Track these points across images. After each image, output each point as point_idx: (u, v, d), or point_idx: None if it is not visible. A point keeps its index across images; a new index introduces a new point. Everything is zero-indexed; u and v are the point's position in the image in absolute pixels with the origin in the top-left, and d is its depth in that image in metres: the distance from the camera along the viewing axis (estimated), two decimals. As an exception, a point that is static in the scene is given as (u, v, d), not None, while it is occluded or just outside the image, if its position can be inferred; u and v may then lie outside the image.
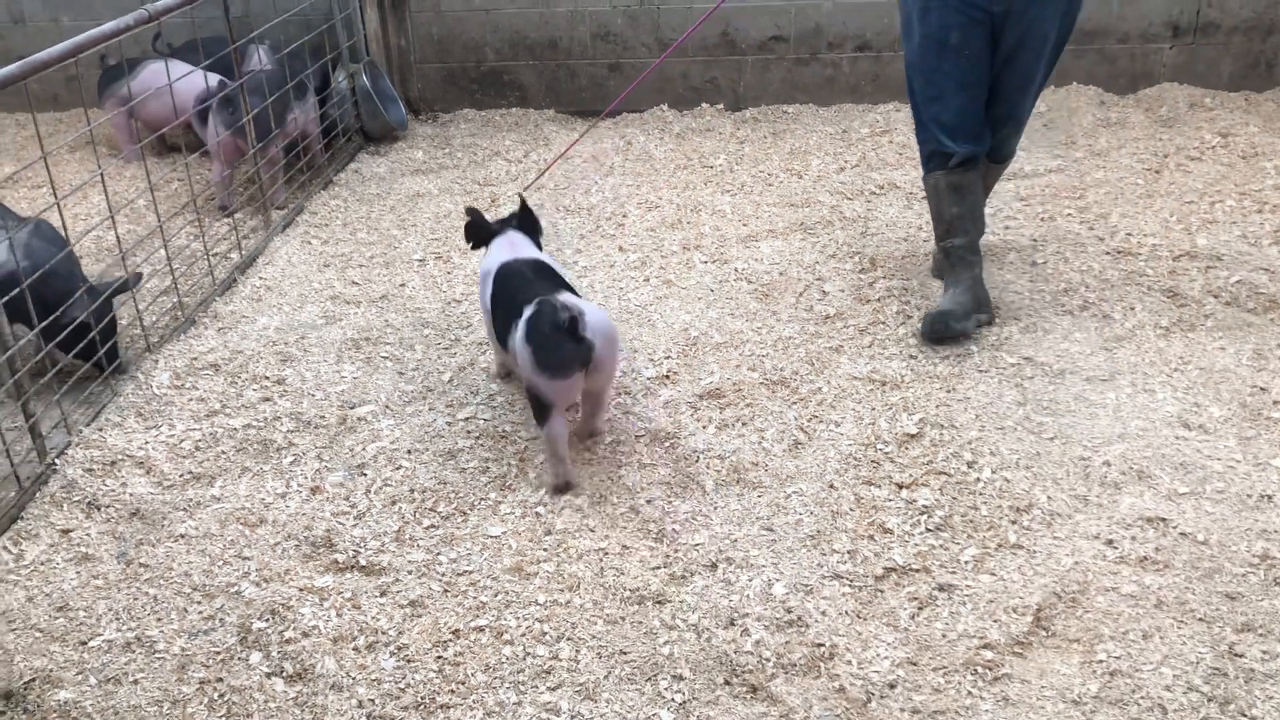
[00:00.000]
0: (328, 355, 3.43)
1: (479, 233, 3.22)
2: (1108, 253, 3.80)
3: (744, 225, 4.28)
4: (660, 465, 2.85)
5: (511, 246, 3.11)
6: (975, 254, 3.46)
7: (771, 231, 4.20)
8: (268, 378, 3.32)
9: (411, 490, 2.78)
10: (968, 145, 3.36)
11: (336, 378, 3.31)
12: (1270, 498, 2.58)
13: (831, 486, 2.73)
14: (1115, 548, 2.46)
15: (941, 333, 3.30)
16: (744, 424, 3.00)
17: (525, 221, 3.23)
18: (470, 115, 5.71)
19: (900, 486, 2.71)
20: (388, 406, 3.15)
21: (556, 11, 5.52)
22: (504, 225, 3.21)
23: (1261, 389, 3.00)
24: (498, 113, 5.71)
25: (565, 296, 2.74)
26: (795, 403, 3.09)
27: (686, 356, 3.35)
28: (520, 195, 3.37)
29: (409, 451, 2.94)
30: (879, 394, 3.10)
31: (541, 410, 2.72)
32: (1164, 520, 2.53)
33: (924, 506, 2.62)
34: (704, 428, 3.00)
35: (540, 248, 3.22)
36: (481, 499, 2.74)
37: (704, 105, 5.63)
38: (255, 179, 4.38)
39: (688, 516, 2.65)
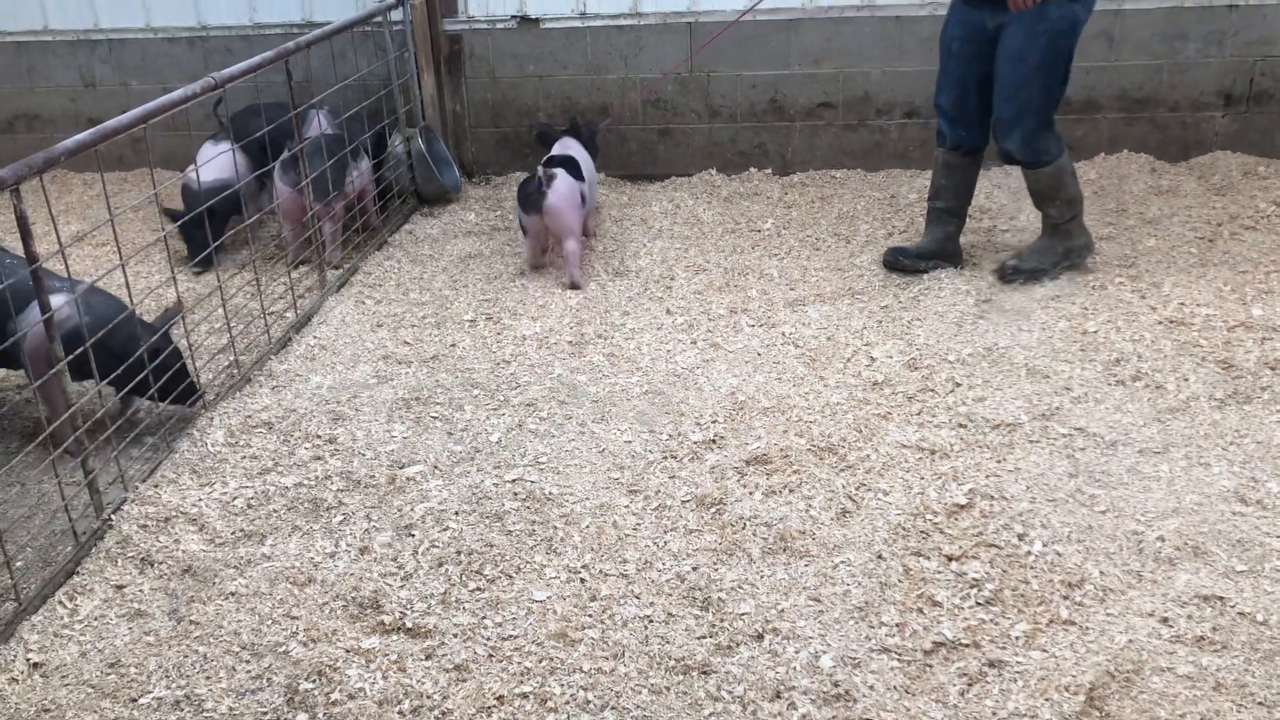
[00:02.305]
0: (379, 415, 3.48)
1: (545, 137, 4.84)
2: (1160, 322, 3.76)
3: (791, 289, 4.29)
4: (706, 531, 2.84)
5: (563, 146, 4.71)
6: (953, 216, 4.36)
7: (819, 296, 4.21)
8: (319, 436, 3.37)
9: (458, 552, 2.79)
10: (959, 131, 4.21)
11: (387, 437, 3.35)
12: (1332, 578, 2.52)
13: (880, 557, 2.70)
14: (1171, 626, 2.41)
15: (892, 263, 4.40)
16: (791, 491, 2.99)
17: (574, 130, 4.84)
18: (522, 178, 5.79)
19: (950, 558, 2.68)
20: (436, 467, 3.18)
21: (608, 79, 5.62)
22: (563, 133, 4.82)
23: (1321, 464, 2.94)
24: (549, 176, 5.80)
25: (555, 168, 4.35)
26: (843, 470, 3.08)
27: (733, 421, 3.35)
28: (573, 115, 5.07)
29: (456, 513, 2.96)
30: (928, 463, 3.08)
31: (523, 232, 4.50)
32: (1221, 599, 2.47)
33: (974, 579, 2.59)
34: (751, 494, 2.99)
35: (588, 148, 4.82)
36: (527, 562, 2.75)
37: (752, 170, 5.69)
38: (313, 239, 4.48)
39: (734, 585, 2.63)
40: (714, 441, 3.25)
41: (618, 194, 5.55)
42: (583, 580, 2.68)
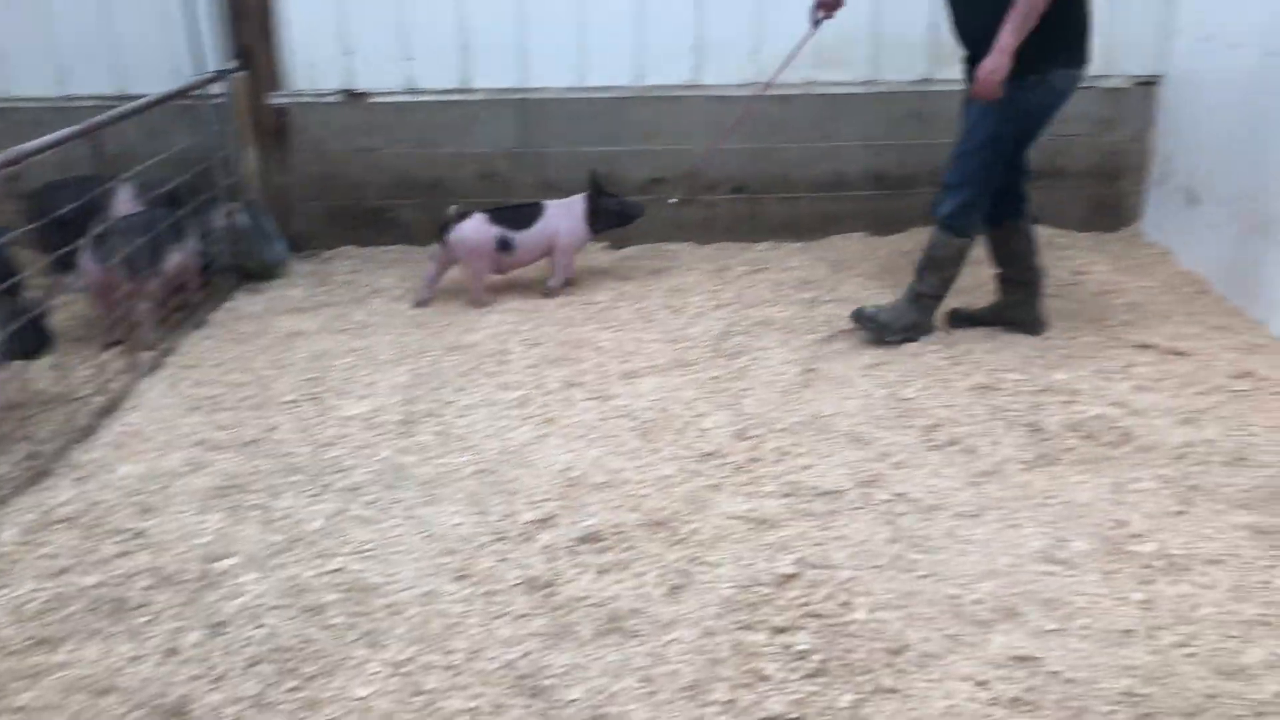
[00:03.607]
0: (191, 505, 3.30)
1: (590, 183, 5.08)
2: (972, 388, 3.94)
3: (625, 362, 4.31)
4: (537, 615, 2.78)
5: (568, 200, 5.10)
6: (1007, 284, 4.49)
7: (652, 367, 4.24)
8: (126, 530, 3.17)
9: (274, 650, 2.65)
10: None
11: (199, 529, 3.17)
12: (1132, 632, 2.64)
13: (710, 633, 2.70)
14: (987, 689, 2.48)
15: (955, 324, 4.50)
16: (623, 568, 2.97)
17: (596, 190, 5.06)
18: (352, 253, 5.70)
19: (778, 630, 2.69)
20: (252, 559, 3.02)
21: (439, 153, 5.60)
22: (589, 192, 5.08)
23: (1121, 522, 3.10)
24: (380, 250, 5.71)
25: (472, 212, 4.92)
26: (675, 544, 3.07)
27: (566, 498, 3.32)
28: (598, 176, 5.11)
29: (273, 607, 2.81)
30: (756, 533, 3.11)
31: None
32: (1034, 659, 2.56)
33: (801, 651, 2.61)
34: (582, 573, 2.95)
35: (588, 208, 5.05)
36: (348, 657, 2.63)
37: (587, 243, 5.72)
38: (124, 319, 4.26)
39: (564, 670, 2.58)
40: (546, 520, 3.20)
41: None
42: (407, 674, 2.58)
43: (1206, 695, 2.43)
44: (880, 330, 4.33)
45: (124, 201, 4.78)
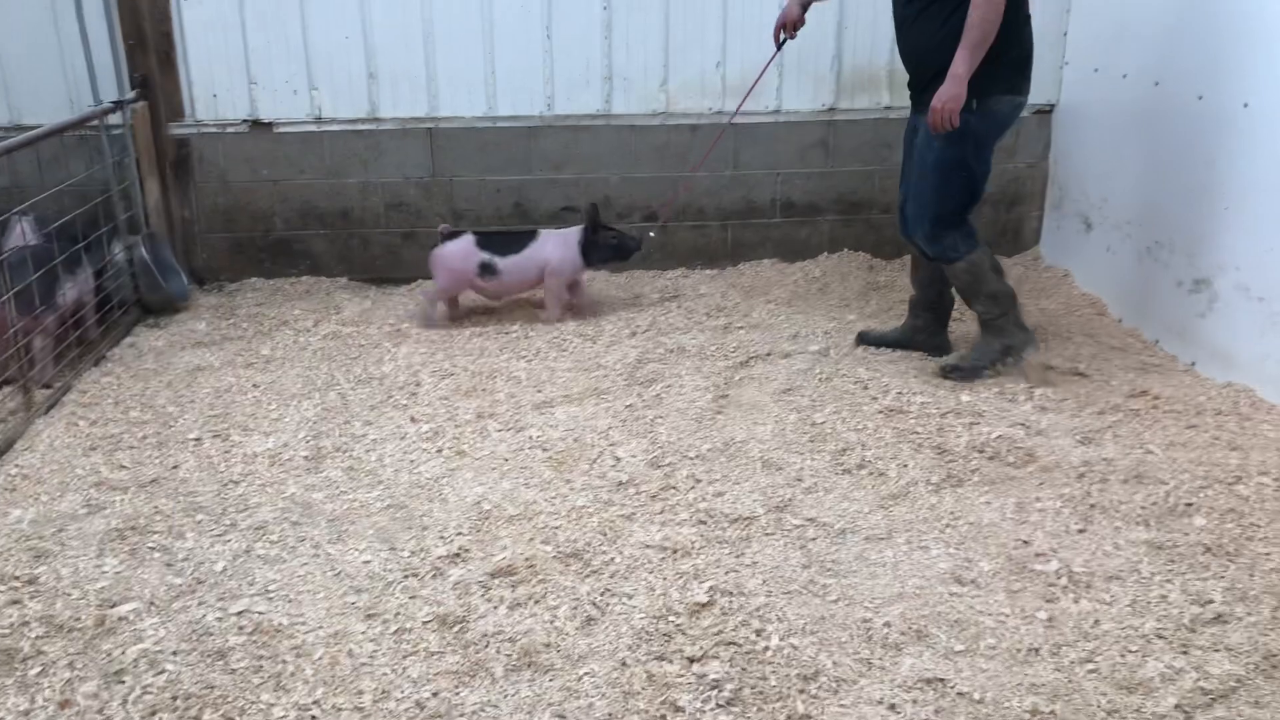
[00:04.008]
0: (88, 548, 3.18)
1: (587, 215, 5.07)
2: (881, 411, 4.00)
3: (539, 391, 4.29)
4: (449, 653, 2.74)
5: (562, 231, 5.10)
6: (918, 308, 4.59)
7: (566, 397, 4.23)
8: (17, 578, 3.04)
9: (174, 698, 2.56)
10: (902, 224, 4.38)
11: (96, 573, 3.06)
12: (1037, 650, 2.69)
13: (624, 664, 2.68)
14: (898, 712, 2.50)
15: (860, 342, 4.66)
16: (536, 602, 2.94)
17: (593, 224, 5.02)
18: (258, 284, 5.60)
19: (691, 660, 2.68)
20: (152, 603, 2.92)
21: (348, 182, 5.54)
22: (585, 224, 5.06)
23: (1025, 542, 3.17)
24: (287, 281, 5.63)
25: (460, 232, 5.05)
26: (588, 575, 3.06)
27: (479, 532, 3.28)
28: (594, 207, 5.08)
29: (174, 653, 2.72)
30: (670, 562, 3.10)
31: None
32: (942, 680, 2.59)
33: (714, 680, 2.60)
34: (495, 608, 2.91)
35: (583, 240, 5.02)
36: (252, 703, 2.55)
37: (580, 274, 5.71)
38: (18, 357, 4.11)
39: (476, 708, 2.54)
40: (458, 555, 3.16)
41: (360, 298, 5.43)
42: (314, 717, 2.51)
43: (1108, 711, 2.49)
44: (974, 372, 4.26)
45: (20, 234, 4.63)
